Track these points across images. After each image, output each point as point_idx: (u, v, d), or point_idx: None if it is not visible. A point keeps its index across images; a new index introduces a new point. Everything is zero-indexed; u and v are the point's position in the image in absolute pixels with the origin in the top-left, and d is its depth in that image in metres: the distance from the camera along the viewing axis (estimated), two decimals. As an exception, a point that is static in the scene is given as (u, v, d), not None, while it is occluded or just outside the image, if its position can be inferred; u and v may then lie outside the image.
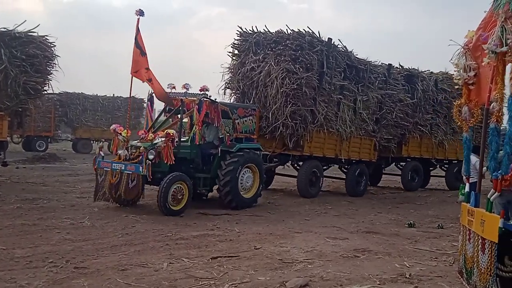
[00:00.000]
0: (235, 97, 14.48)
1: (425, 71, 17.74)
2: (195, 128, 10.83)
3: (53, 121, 29.10)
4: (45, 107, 27.76)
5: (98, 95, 31.47)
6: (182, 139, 11.06)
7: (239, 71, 14.15)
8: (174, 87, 11.36)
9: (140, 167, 9.90)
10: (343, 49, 14.39)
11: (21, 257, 6.51)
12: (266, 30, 14.08)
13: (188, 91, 11.08)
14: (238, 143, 11.63)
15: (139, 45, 10.77)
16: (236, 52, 14.56)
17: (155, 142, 10.34)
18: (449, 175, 18.71)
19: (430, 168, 19.06)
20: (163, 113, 12.25)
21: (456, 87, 6.75)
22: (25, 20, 13.54)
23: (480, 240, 5.25)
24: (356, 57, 14.81)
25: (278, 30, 13.82)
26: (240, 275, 6.10)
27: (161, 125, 11.68)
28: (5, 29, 13.25)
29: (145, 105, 11.33)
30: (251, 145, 12.05)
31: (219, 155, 11.37)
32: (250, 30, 14.33)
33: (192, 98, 11.07)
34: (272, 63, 13.25)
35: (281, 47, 13.24)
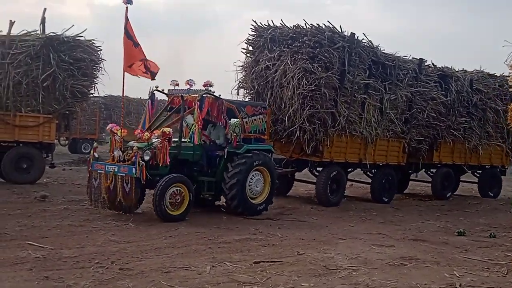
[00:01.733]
0: (249, 97, 13.32)
1: (459, 70, 16.37)
2: (195, 127, 10.00)
3: (98, 124, 29.76)
4: (90, 110, 28.47)
5: (142, 98, 32.05)
6: (184, 140, 10.41)
7: (253, 69, 13.00)
8: (177, 84, 10.79)
9: (133, 169, 9.18)
10: (368, 44, 13.15)
11: (68, 257, 6.64)
12: (283, 24, 12.89)
13: (192, 88, 10.48)
14: (246, 144, 10.64)
15: (130, 36, 9.72)
16: (250, 48, 13.40)
17: (151, 142, 9.65)
18: (482, 182, 17.45)
19: (460, 174, 17.45)
20: (166, 111, 11.37)
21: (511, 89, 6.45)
22: (73, 25, 14.00)
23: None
24: (383, 53, 13.55)
25: (295, 25, 12.65)
26: (283, 280, 6.01)
27: (161, 124, 10.86)
28: (54, 34, 13.68)
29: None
30: (261, 146, 11.05)
31: (225, 157, 10.48)
32: (265, 25, 13.10)
33: (194, 95, 10.39)
34: (288, 62, 12.09)
35: (298, 44, 12.10)
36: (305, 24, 12.37)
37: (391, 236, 9.40)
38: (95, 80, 14.51)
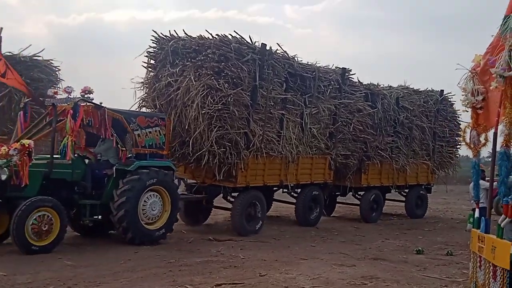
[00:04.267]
0: None
1: (385, 87, 15.71)
2: (67, 140, 8.63)
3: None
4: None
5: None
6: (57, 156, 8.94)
7: (154, 86, 11.49)
8: (56, 92, 9.58)
9: None
10: (282, 55, 12.02)
11: (22, 283, 6.44)
12: (186, 35, 11.45)
13: (70, 96, 9.21)
14: (139, 160, 9.51)
15: None
16: (152, 62, 11.85)
17: (10, 158, 8.23)
18: (409, 201, 16.58)
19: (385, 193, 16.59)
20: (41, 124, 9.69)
21: (462, 110, 6.64)
22: (30, 45, 13.67)
23: (491, 267, 5.11)
24: (301, 64, 12.42)
25: (199, 36, 11.29)
26: (244, 303, 5.95)
27: (32, 136, 9.21)
28: (10, 53, 13.36)
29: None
30: (158, 163, 9.76)
31: (115, 176, 9.31)
32: (167, 36, 11.62)
33: (65, 105, 9.09)
34: (192, 78, 10.63)
35: (202, 58, 10.74)
36: (210, 35, 11.09)
37: (352, 255, 9.47)
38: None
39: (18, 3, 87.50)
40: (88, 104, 9.04)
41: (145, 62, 11.88)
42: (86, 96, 9.11)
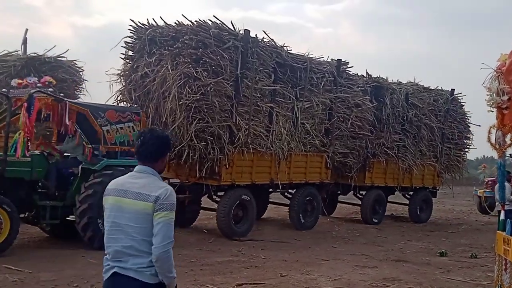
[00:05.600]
0: None
1: (393, 82, 14.92)
2: (18, 135, 7.98)
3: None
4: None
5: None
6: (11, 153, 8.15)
7: (131, 78, 10.82)
8: (20, 84, 8.77)
9: None
10: (269, 43, 11.19)
11: (47, 280, 6.54)
12: (165, 23, 10.69)
13: (35, 87, 8.41)
14: (107, 159, 8.68)
15: None
16: (130, 53, 11.12)
17: None
18: (413, 204, 15.65)
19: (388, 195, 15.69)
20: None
21: (488, 110, 6.52)
22: (55, 45, 13.85)
23: (517, 271, 5.01)
24: (291, 53, 11.55)
25: (176, 22, 10.52)
26: (265, 303, 5.94)
27: None
28: (35, 54, 13.59)
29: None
30: (129, 162, 8.59)
31: (79, 175, 8.56)
32: (144, 25, 10.87)
33: (21, 96, 8.36)
34: (169, 67, 9.95)
35: (180, 45, 9.99)
36: (189, 21, 10.28)
37: (374, 257, 9.39)
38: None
39: (43, 4, 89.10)
40: (41, 94, 8.22)
41: (123, 54, 11.20)
42: (43, 87, 8.37)
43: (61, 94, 9.43)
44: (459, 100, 16.46)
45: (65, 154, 9.18)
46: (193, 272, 7.42)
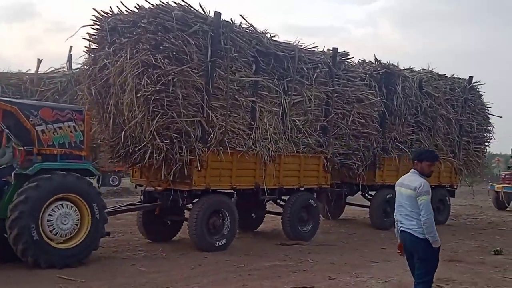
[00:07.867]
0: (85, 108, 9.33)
1: (405, 68, 13.43)
2: None
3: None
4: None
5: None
6: None
7: (89, 71, 9.64)
8: None
9: None
10: (248, 30, 9.84)
11: (99, 289, 6.65)
12: (126, 9, 9.27)
13: None
14: (42, 163, 7.67)
15: None
16: (94, 46, 9.76)
17: None
18: None
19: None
20: None
21: None
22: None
23: None
24: (274, 41, 10.19)
25: (136, 5, 9.17)
26: (315, 307, 5.87)
27: None
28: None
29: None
30: (71, 165, 7.90)
31: (13, 182, 7.59)
32: (107, 13, 9.53)
33: None
34: (128, 56, 8.71)
35: (139, 31, 8.72)
36: (150, 4, 8.91)
37: (425, 257, 9.14)
38: None
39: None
40: None
41: (86, 47, 9.84)
42: None
43: None
44: (477, 90, 15.02)
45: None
46: (241, 277, 7.41)
